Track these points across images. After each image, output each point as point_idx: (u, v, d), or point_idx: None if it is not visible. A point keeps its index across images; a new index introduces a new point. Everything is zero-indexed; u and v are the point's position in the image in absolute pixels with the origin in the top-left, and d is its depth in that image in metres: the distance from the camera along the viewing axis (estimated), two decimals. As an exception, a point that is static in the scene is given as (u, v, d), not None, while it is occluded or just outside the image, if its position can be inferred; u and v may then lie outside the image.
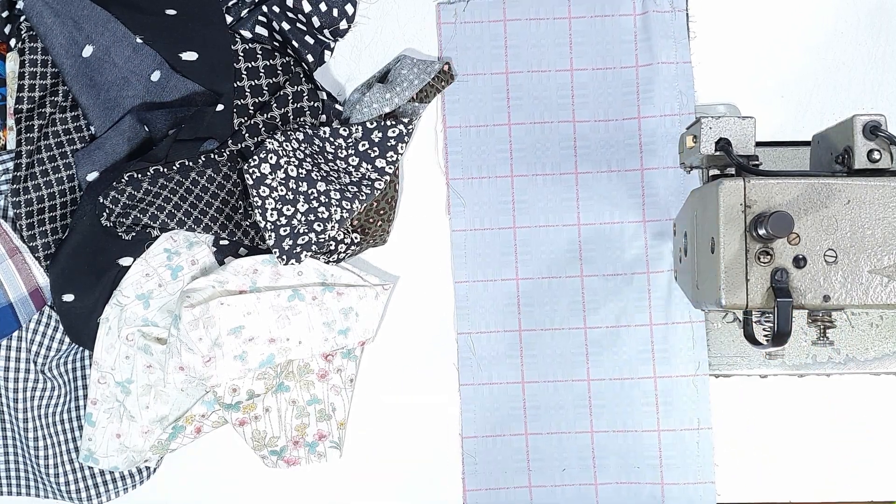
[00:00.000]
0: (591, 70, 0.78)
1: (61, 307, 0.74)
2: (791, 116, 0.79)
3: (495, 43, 0.78)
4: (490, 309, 0.78)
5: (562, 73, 0.78)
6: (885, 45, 0.79)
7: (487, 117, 0.78)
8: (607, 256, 0.77)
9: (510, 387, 0.78)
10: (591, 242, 0.78)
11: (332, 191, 0.74)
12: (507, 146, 0.78)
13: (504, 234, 0.78)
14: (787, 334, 0.55)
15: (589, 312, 0.77)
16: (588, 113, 0.78)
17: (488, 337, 0.78)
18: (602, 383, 0.77)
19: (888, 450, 0.77)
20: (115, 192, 0.72)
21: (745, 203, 0.57)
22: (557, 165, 0.78)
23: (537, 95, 0.78)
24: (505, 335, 0.78)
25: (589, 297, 0.77)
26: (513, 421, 0.77)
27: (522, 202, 0.78)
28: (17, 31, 0.76)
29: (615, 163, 0.78)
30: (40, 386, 0.75)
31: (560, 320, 0.78)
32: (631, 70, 0.78)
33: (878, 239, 0.57)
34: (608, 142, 0.78)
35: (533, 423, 0.77)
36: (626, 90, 0.78)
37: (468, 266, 0.78)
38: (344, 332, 0.75)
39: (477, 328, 0.78)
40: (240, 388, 0.74)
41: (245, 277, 0.74)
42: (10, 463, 0.77)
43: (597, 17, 0.78)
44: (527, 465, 0.77)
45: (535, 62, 0.78)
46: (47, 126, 0.75)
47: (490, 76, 0.78)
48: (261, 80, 0.76)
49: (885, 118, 0.59)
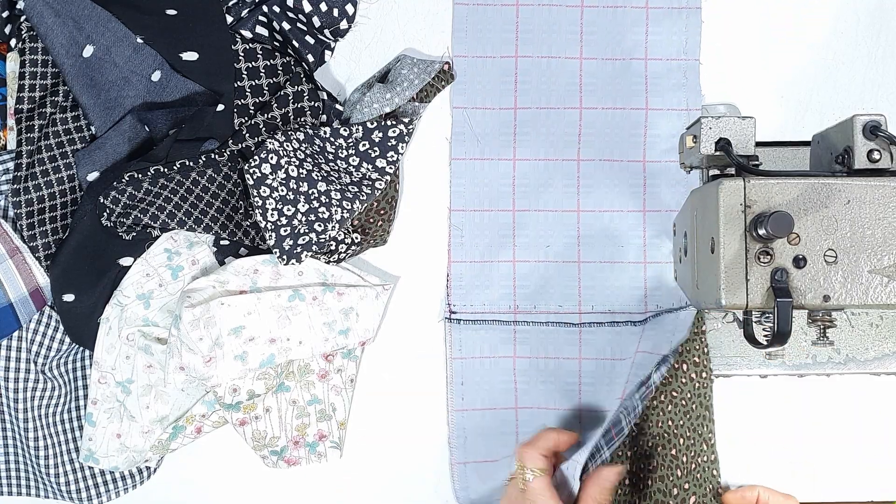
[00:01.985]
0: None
1: (62, 307, 0.74)
2: (791, 116, 0.79)
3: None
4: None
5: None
6: (885, 44, 0.79)
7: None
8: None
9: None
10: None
11: (333, 191, 0.74)
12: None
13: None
14: (787, 334, 0.55)
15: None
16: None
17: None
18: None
19: (888, 450, 0.77)
20: (116, 192, 0.72)
21: (745, 203, 0.57)
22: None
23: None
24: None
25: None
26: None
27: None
28: (17, 31, 0.76)
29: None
30: (40, 386, 0.75)
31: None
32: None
33: (878, 239, 0.57)
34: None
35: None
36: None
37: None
38: (344, 332, 0.75)
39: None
40: (240, 388, 0.74)
41: (245, 277, 0.74)
42: (10, 463, 0.78)
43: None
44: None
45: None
46: (48, 126, 0.75)
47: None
48: (261, 80, 0.76)
49: (885, 118, 0.59)
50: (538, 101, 0.78)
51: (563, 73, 0.78)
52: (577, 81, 0.78)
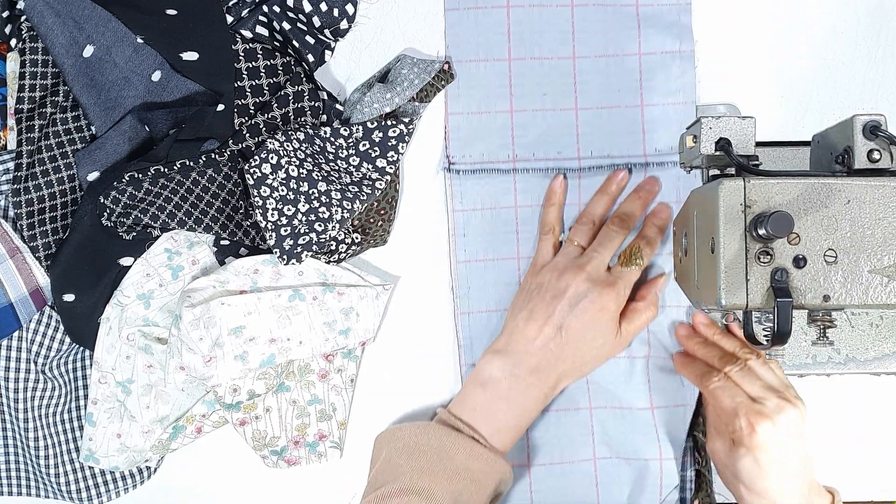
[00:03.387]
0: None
1: (62, 307, 0.74)
2: (791, 116, 0.79)
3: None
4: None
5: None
6: (885, 44, 0.79)
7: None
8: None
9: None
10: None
11: (333, 191, 0.74)
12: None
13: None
14: (787, 334, 0.55)
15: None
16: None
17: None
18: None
19: (888, 450, 0.77)
20: (116, 191, 0.72)
21: (745, 203, 0.57)
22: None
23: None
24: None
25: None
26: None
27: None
28: (17, 31, 0.76)
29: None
30: (41, 386, 0.75)
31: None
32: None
33: (878, 239, 0.57)
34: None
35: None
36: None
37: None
38: (345, 332, 0.75)
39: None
40: (240, 388, 0.74)
41: (246, 277, 0.74)
42: (10, 463, 0.78)
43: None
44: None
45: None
46: (48, 126, 0.75)
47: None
48: (261, 80, 0.76)
49: (885, 118, 0.59)
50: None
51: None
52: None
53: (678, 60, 0.77)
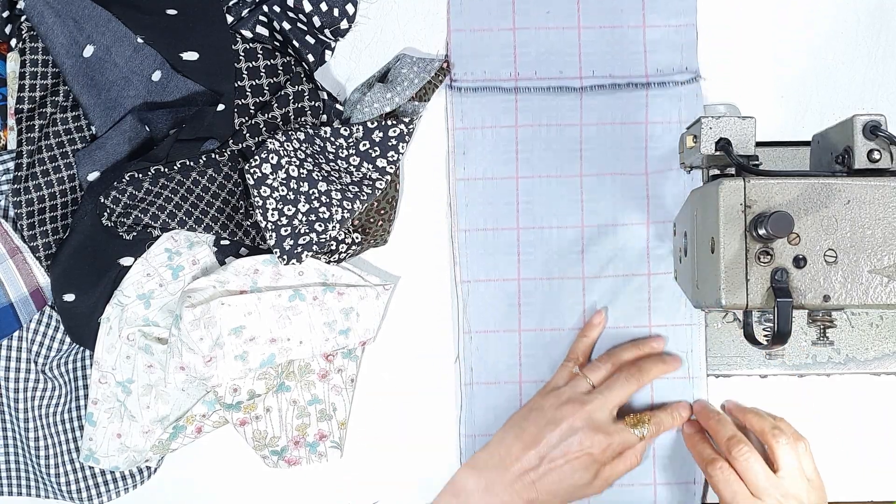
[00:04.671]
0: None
1: (62, 307, 0.74)
2: (791, 116, 0.79)
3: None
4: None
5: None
6: (885, 44, 0.79)
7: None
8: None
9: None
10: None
11: (334, 191, 0.74)
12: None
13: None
14: (787, 334, 0.55)
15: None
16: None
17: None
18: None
19: (888, 450, 0.78)
20: (116, 191, 0.72)
21: (745, 203, 0.57)
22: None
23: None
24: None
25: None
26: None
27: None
28: (17, 31, 0.76)
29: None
30: (41, 386, 0.75)
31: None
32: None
33: (878, 239, 0.57)
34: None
35: None
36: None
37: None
38: (345, 332, 0.75)
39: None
40: (241, 387, 0.74)
41: (246, 277, 0.74)
42: (10, 463, 0.78)
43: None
44: None
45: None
46: (48, 126, 0.75)
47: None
48: (262, 80, 0.76)
49: (885, 118, 0.59)
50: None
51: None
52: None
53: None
